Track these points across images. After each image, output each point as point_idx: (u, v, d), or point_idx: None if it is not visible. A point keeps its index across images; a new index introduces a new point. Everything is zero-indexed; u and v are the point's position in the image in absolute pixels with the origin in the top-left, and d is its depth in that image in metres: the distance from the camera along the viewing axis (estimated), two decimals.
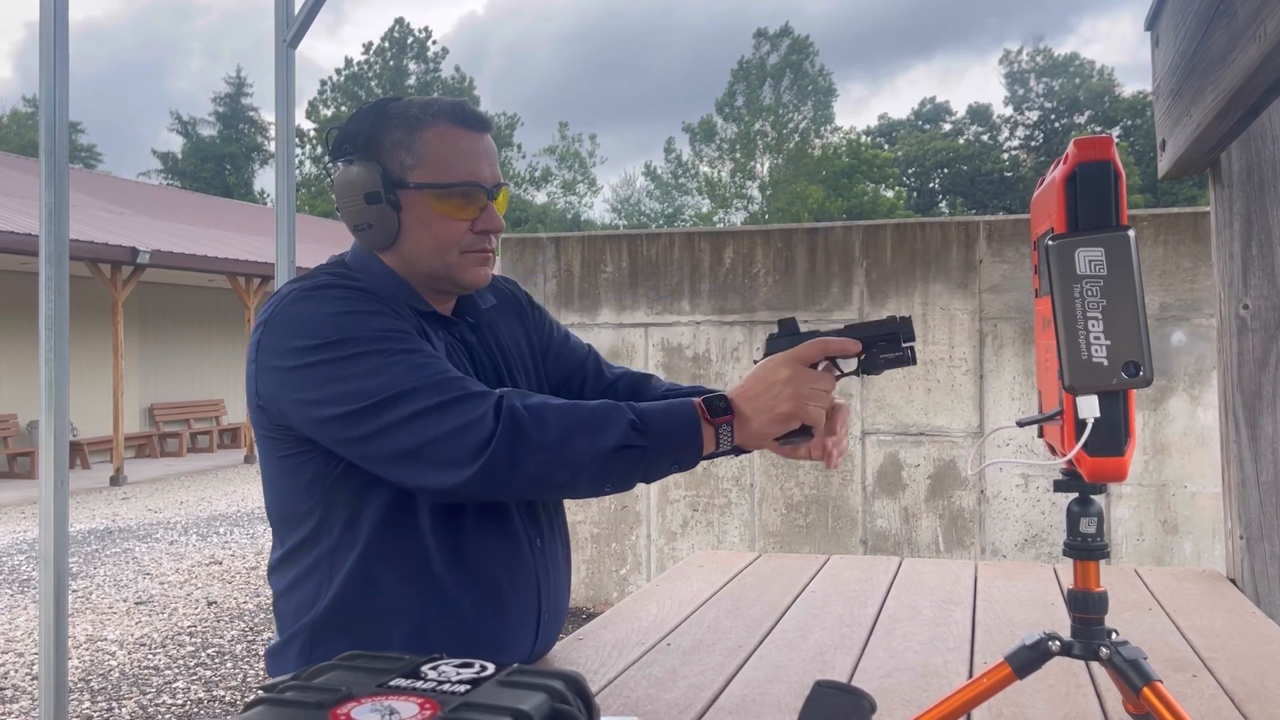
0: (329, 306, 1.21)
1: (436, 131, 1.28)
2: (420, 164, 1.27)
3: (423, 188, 1.27)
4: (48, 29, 2.28)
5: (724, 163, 42.53)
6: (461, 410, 1.14)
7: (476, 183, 1.29)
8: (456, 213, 1.28)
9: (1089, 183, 0.98)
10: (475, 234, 1.30)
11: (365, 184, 1.27)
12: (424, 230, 1.28)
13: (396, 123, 1.28)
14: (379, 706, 0.64)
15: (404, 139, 1.28)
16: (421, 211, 1.28)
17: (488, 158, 1.31)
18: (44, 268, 2.25)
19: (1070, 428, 0.99)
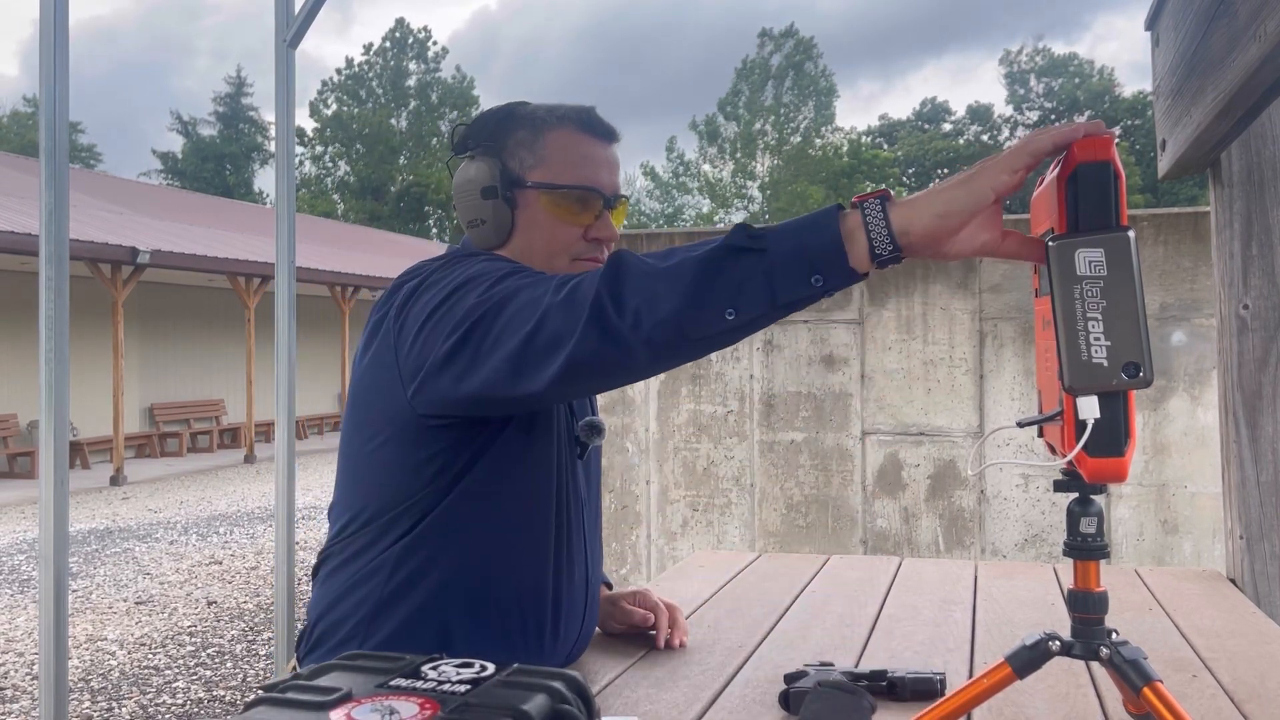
0: (463, 269, 1.16)
1: (561, 134, 1.27)
2: (541, 164, 1.26)
3: (540, 187, 1.26)
4: (48, 29, 2.28)
5: (725, 162, 42.54)
6: (558, 279, 1.04)
7: (595, 189, 1.27)
8: (571, 217, 1.26)
9: (1089, 183, 0.98)
10: (587, 241, 1.28)
11: (483, 179, 1.26)
12: (537, 231, 1.27)
13: (522, 122, 1.28)
14: (379, 706, 0.64)
15: (527, 138, 1.27)
16: (536, 212, 1.26)
17: (610, 167, 1.30)
18: (44, 268, 2.25)
19: (1070, 428, 0.99)
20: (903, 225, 0.93)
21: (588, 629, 1.40)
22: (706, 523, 5.60)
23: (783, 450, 5.50)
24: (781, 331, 5.50)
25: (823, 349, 5.44)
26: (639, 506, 5.67)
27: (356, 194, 40.90)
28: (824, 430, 5.43)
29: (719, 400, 5.58)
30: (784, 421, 5.49)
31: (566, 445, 1.31)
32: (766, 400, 5.51)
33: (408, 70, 42.97)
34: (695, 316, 0.95)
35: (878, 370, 5.35)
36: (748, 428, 5.55)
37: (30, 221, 11.11)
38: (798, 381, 5.47)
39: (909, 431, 5.30)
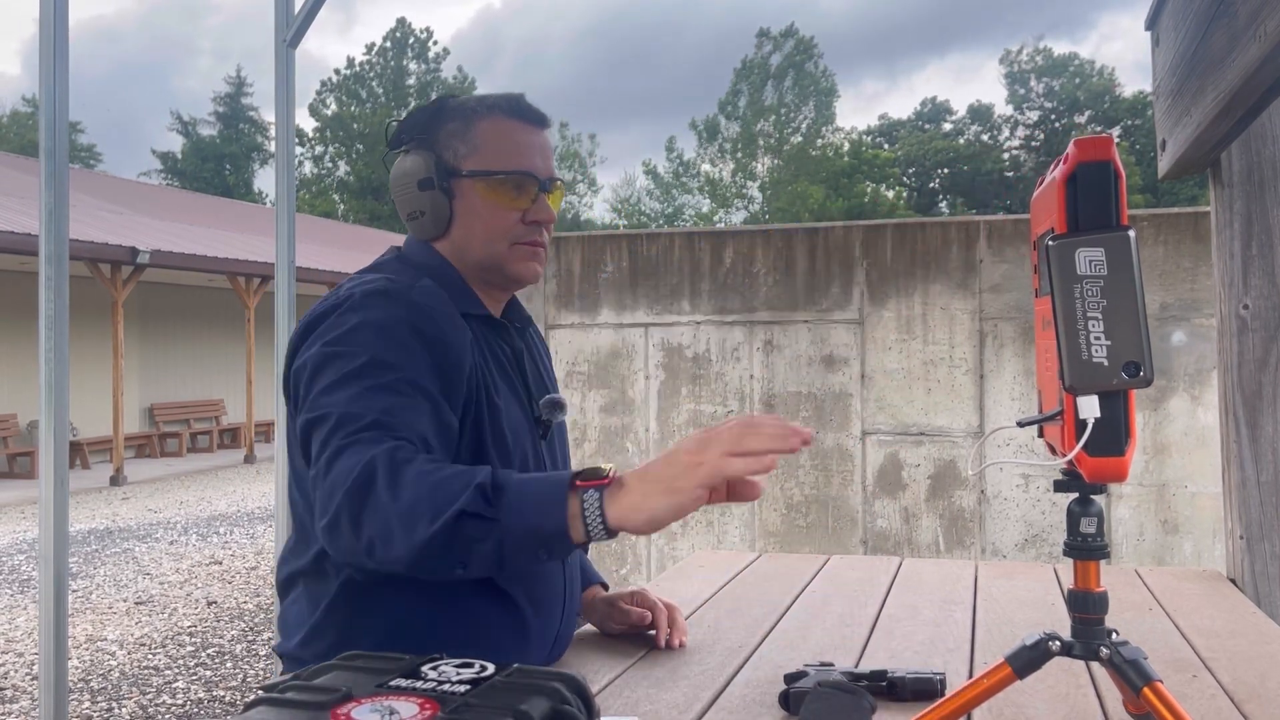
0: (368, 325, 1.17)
1: (491, 122, 1.30)
2: (474, 152, 1.29)
3: (475, 175, 1.28)
4: (48, 29, 2.28)
5: (725, 162, 42.54)
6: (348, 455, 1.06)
7: (529, 172, 1.30)
8: (508, 202, 1.29)
9: (1089, 183, 0.98)
10: (526, 225, 1.30)
11: (419, 171, 1.29)
12: (475, 218, 1.29)
13: (453, 114, 1.31)
14: (379, 706, 0.64)
15: (459, 129, 1.30)
16: (473, 200, 1.29)
17: (542, 151, 1.32)
18: (44, 268, 2.25)
19: (1070, 428, 0.98)
20: (616, 523, 1.01)
21: (570, 611, 1.40)
22: (706, 523, 5.60)
23: None
24: (782, 331, 5.50)
25: (823, 349, 5.44)
26: None
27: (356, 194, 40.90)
28: (824, 430, 5.43)
29: (719, 400, 5.58)
30: None
31: (527, 427, 1.32)
32: (766, 400, 5.51)
33: (408, 70, 42.98)
34: (426, 565, 1.02)
35: (878, 370, 5.35)
36: None
37: (30, 221, 11.11)
38: (798, 381, 5.47)
39: (909, 431, 5.30)
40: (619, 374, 5.72)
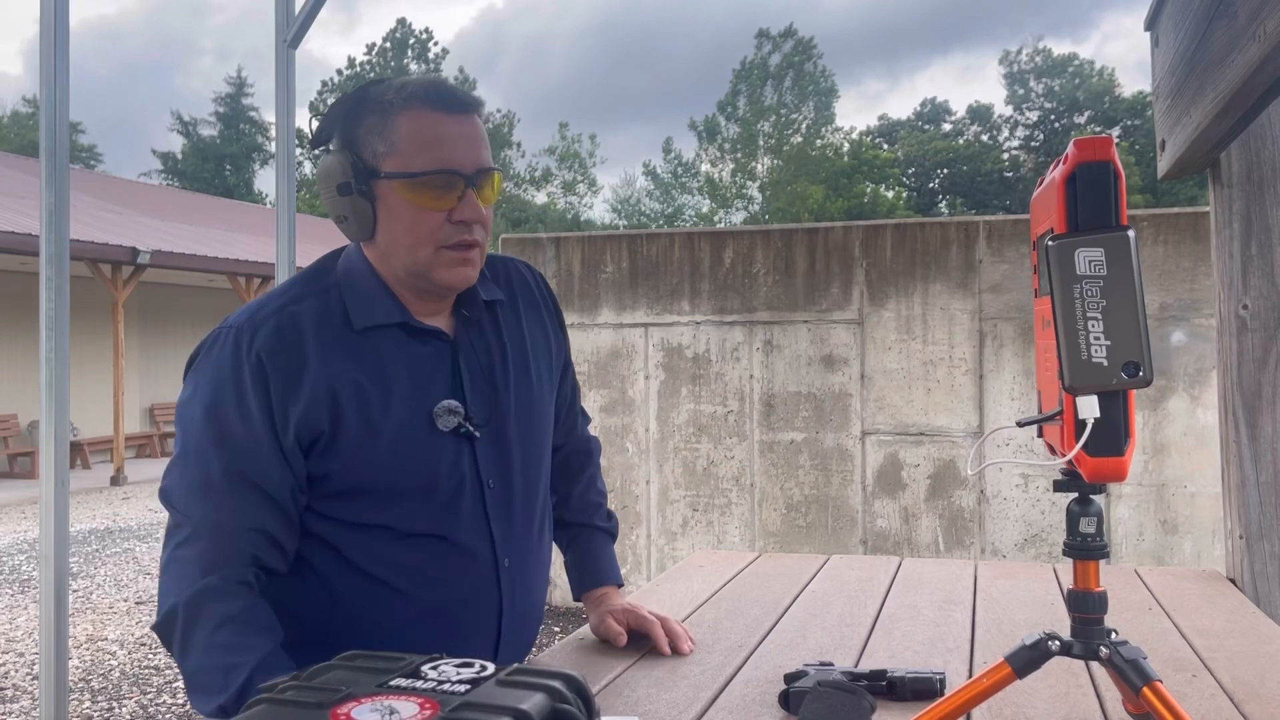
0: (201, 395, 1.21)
1: (409, 116, 1.20)
2: (393, 151, 1.20)
3: (394, 177, 1.19)
4: (48, 30, 2.28)
5: (725, 162, 42.55)
6: (167, 575, 1.18)
7: (451, 169, 1.20)
8: (431, 203, 1.20)
9: (1089, 183, 0.98)
10: (453, 225, 1.21)
11: (337, 174, 1.22)
12: (397, 222, 1.21)
13: (371, 108, 1.22)
14: (379, 706, 0.64)
15: (377, 124, 1.21)
16: (394, 202, 1.21)
17: (468, 142, 1.22)
18: (44, 268, 2.25)
19: (1070, 428, 0.99)
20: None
21: (516, 611, 1.35)
22: (706, 523, 5.60)
23: (783, 450, 5.50)
24: (781, 331, 5.50)
25: (823, 349, 5.44)
26: (639, 506, 5.67)
27: None
28: (824, 430, 5.43)
29: (719, 400, 5.58)
30: (784, 421, 5.49)
31: (445, 438, 1.27)
32: (766, 400, 5.52)
33: (408, 71, 42.98)
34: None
35: (878, 370, 5.35)
36: (748, 428, 5.55)
37: (30, 221, 11.11)
38: (798, 381, 5.47)
39: (909, 431, 5.31)
40: (619, 374, 5.72)
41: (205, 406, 1.20)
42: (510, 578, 1.33)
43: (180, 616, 1.14)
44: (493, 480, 1.31)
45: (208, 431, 1.19)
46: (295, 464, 1.20)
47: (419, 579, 1.26)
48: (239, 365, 1.19)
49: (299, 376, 1.20)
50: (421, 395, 1.26)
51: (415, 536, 1.26)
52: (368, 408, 1.22)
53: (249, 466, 1.18)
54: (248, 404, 1.18)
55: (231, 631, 1.13)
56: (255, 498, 1.19)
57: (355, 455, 1.21)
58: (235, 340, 1.20)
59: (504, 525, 1.32)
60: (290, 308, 1.23)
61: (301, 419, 1.19)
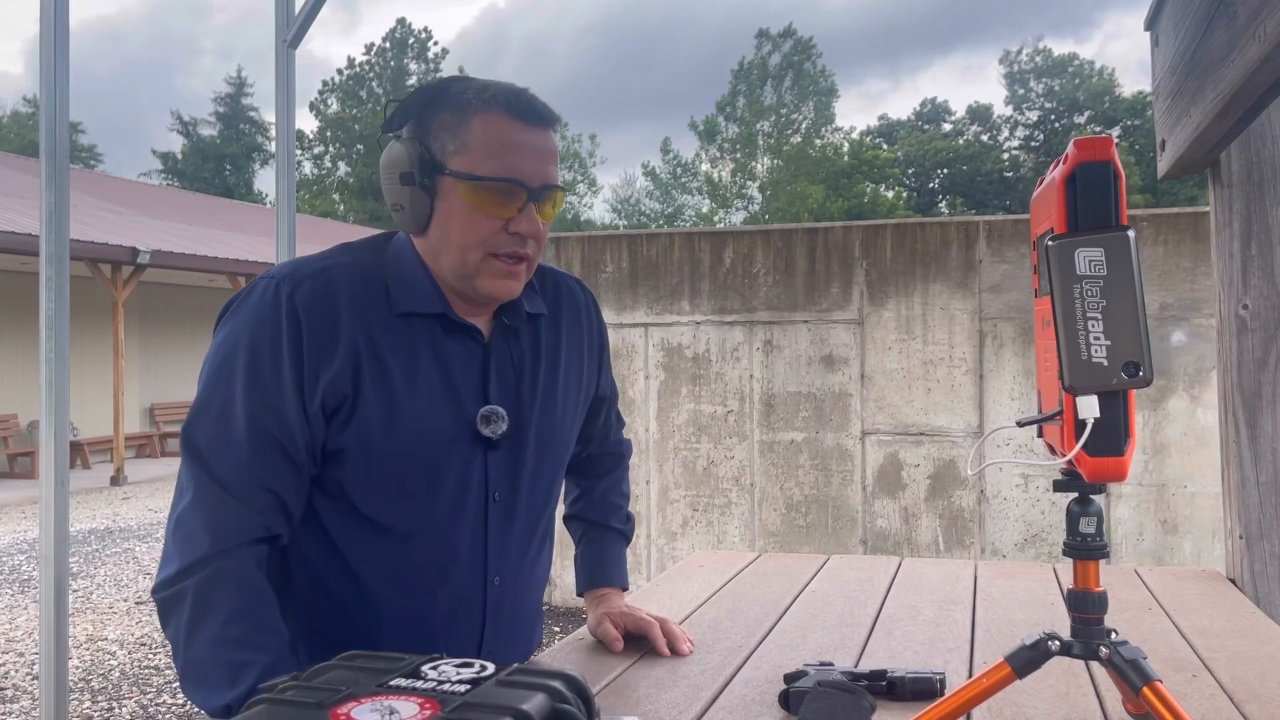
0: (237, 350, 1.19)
1: (486, 118, 1.19)
2: (462, 150, 1.19)
3: (459, 176, 1.18)
4: (48, 30, 2.28)
5: (725, 162, 42.55)
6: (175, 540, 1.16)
7: (517, 180, 1.18)
8: (490, 209, 1.19)
9: (1089, 183, 0.98)
10: (508, 235, 1.20)
11: (403, 163, 1.20)
12: (453, 221, 1.20)
13: (448, 103, 1.20)
14: (379, 706, 0.64)
15: (451, 121, 1.20)
16: (454, 201, 1.19)
17: (538, 155, 1.21)
18: (44, 268, 2.25)
19: (1070, 428, 0.99)
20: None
21: (500, 630, 1.32)
22: (706, 523, 5.60)
23: (783, 450, 5.50)
24: (781, 331, 5.50)
25: (823, 349, 5.44)
26: (639, 506, 5.67)
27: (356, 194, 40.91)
28: (824, 430, 5.43)
29: (719, 400, 5.58)
30: (784, 421, 5.49)
31: (463, 439, 1.25)
32: (766, 400, 5.51)
33: (408, 70, 42.98)
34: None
35: (878, 370, 5.35)
36: (748, 428, 5.55)
37: (30, 221, 11.11)
38: (798, 381, 5.47)
39: (909, 431, 5.31)
40: (619, 374, 5.72)
41: (239, 354, 1.18)
42: (498, 595, 1.30)
43: (189, 600, 1.13)
44: (499, 493, 1.29)
45: (240, 379, 1.17)
46: (316, 428, 1.19)
47: (403, 582, 1.24)
48: (277, 317, 1.17)
49: (334, 339, 1.18)
50: (447, 391, 1.25)
51: (408, 537, 1.24)
52: (391, 390, 1.21)
53: (274, 421, 1.17)
54: (281, 358, 1.17)
55: (243, 628, 1.12)
56: (275, 454, 1.17)
57: (370, 434, 1.20)
58: (276, 291, 1.19)
59: (501, 541, 1.30)
60: (335, 270, 1.22)
61: (329, 384, 1.18)
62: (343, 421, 1.19)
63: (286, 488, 1.19)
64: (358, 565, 1.24)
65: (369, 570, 1.24)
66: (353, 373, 1.19)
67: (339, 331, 1.19)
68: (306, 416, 1.18)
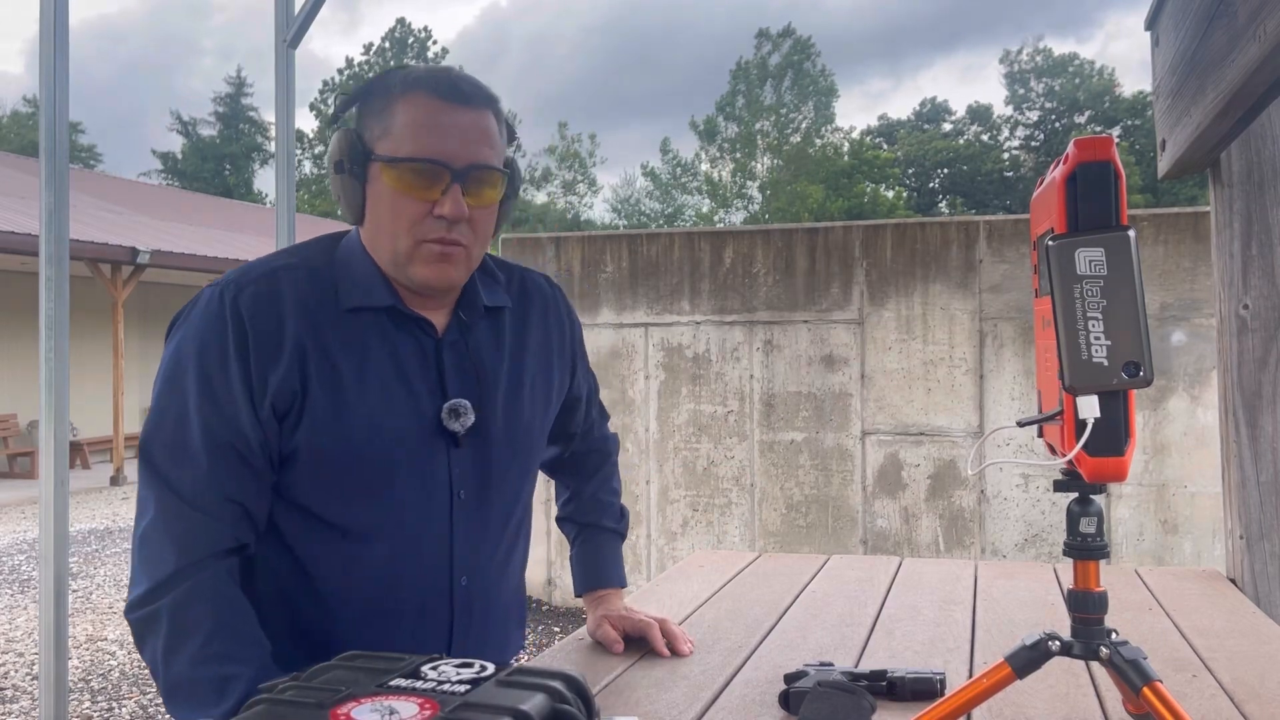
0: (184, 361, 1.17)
1: (409, 100, 1.17)
2: (386, 134, 1.17)
3: (384, 160, 1.16)
4: (48, 30, 2.28)
5: (725, 162, 42.56)
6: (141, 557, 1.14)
7: (437, 160, 1.15)
8: (413, 191, 1.16)
9: (1089, 183, 0.98)
10: (434, 220, 1.16)
11: (336, 152, 1.19)
12: (383, 207, 1.18)
13: (378, 90, 1.20)
14: (379, 706, 0.64)
15: (379, 106, 1.18)
16: (381, 186, 1.17)
17: (465, 135, 1.17)
18: (44, 268, 2.25)
19: (1070, 428, 0.99)
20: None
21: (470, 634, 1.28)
22: (706, 523, 5.60)
23: (783, 450, 5.50)
24: (781, 331, 5.50)
25: (823, 349, 5.44)
26: (639, 506, 5.67)
27: None
28: (824, 430, 5.43)
29: (719, 400, 5.58)
30: (784, 421, 5.49)
31: (421, 435, 1.22)
32: (766, 400, 5.51)
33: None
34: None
35: (878, 370, 5.35)
36: (748, 428, 5.55)
37: (30, 221, 11.11)
38: (798, 381, 5.47)
39: (909, 431, 5.31)
40: (619, 374, 5.72)
41: (188, 364, 1.16)
42: (466, 598, 1.26)
43: (165, 620, 1.11)
44: (464, 491, 1.25)
45: (191, 389, 1.16)
46: (270, 432, 1.17)
47: (364, 585, 1.21)
48: (223, 323, 1.16)
49: (279, 341, 1.16)
50: (401, 386, 1.21)
51: (366, 539, 1.21)
52: (339, 388, 1.18)
53: (229, 429, 1.15)
54: (229, 364, 1.15)
55: (223, 643, 1.10)
56: (234, 463, 1.15)
57: (319, 434, 1.17)
58: (220, 298, 1.17)
59: (468, 541, 1.26)
60: (280, 272, 1.20)
61: (278, 386, 1.16)
62: (293, 423, 1.17)
63: (249, 496, 1.17)
64: (316, 569, 1.21)
65: (328, 574, 1.21)
66: (300, 373, 1.16)
67: (284, 332, 1.17)
68: (259, 421, 1.16)
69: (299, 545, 1.21)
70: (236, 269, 1.23)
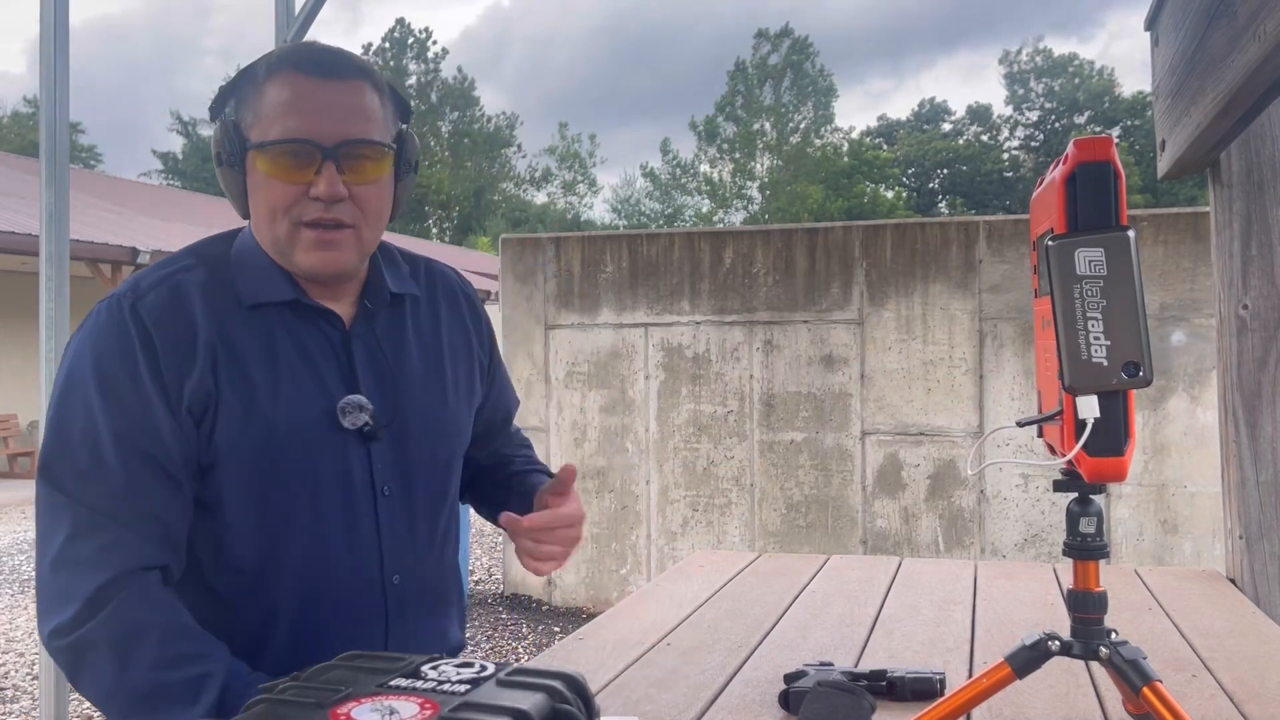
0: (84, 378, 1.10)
1: (275, 81, 1.11)
2: (257, 119, 1.12)
3: (255, 146, 1.11)
4: (48, 30, 2.28)
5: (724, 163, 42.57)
6: (56, 585, 1.06)
7: (305, 139, 1.09)
8: (284, 174, 1.10)
9: (1089, 183, 0.98)
10: (310, 201, 1.11)
11: (214, 145, 1.15)
12: (259, 195, 1.13)
13: (247, 78, 1.14)
14: (379, 706, 0.64)
15: (250, 93, 1.13)
16: (255, 174, 1.13)
17: (334, 111, 1.11)
18: (44, 268, 2.25)
19: (1070, 428, 0.99)
20: None
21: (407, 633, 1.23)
22: (706, 523, 5.60)
23: (783, 450, 5.50)
24: (781, 331, 5.50)
25: (822, 349, 5.44)
26: (639, 506, 5.67)
27: None
28: (824, 430, 5.43)
29: (719, 400, 5.58)
30: (784, 421, 5.49)
31: (334, 431, 1.16)
32: (766, 400, 5.51)
33: (408, 70, 42.98)
34: None
35: (878, 370, 5.35)
36: (748, 428, 5.55)
37: (30, 221, 11.11)
38: (798, 381, 5.47)
39: (909, 431, 5.31)
40: (619, 374, 5.72)
41: (86, 378, 1.09)
42: (399, 596, 1.21)
43: (103, 639, 1.03)
44: (388, 487, 1.20)
45: (95, 402, 1.08)
46: (190, 436, 1.11)
47: (291, 592, 1.15)
48: (124, 334, 1.10)
49: (190, 343, 1.11)
50: (312, 382, 1.16)
51: (290, 541, 1.15)
52: (249, 387, 1.13)
53: (144, 436, 1.08)
54: (137, 371, 1.09)
55: (182, 644, 1.05)
56: (152, 474, 1.09)
57: (233, 435, 1.11)
58: (117, 307, 1.12)
59: (396, 538, 1.21)
60: (178, 275, 1.15)
61: (193, 389, 1.10)
62: (209, 428, 1.11)
63: (171, 513, 1.10)
64: (236, 589, 1.15)
65: (251, 590, 1.15)
66: (213, 374, 1.11)
67: (195, 334, 1.12)
68: (179, 426, 1.10)
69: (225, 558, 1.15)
70: (129, 278, 1.17)
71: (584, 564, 5.72)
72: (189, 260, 1.18)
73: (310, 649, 1.11)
